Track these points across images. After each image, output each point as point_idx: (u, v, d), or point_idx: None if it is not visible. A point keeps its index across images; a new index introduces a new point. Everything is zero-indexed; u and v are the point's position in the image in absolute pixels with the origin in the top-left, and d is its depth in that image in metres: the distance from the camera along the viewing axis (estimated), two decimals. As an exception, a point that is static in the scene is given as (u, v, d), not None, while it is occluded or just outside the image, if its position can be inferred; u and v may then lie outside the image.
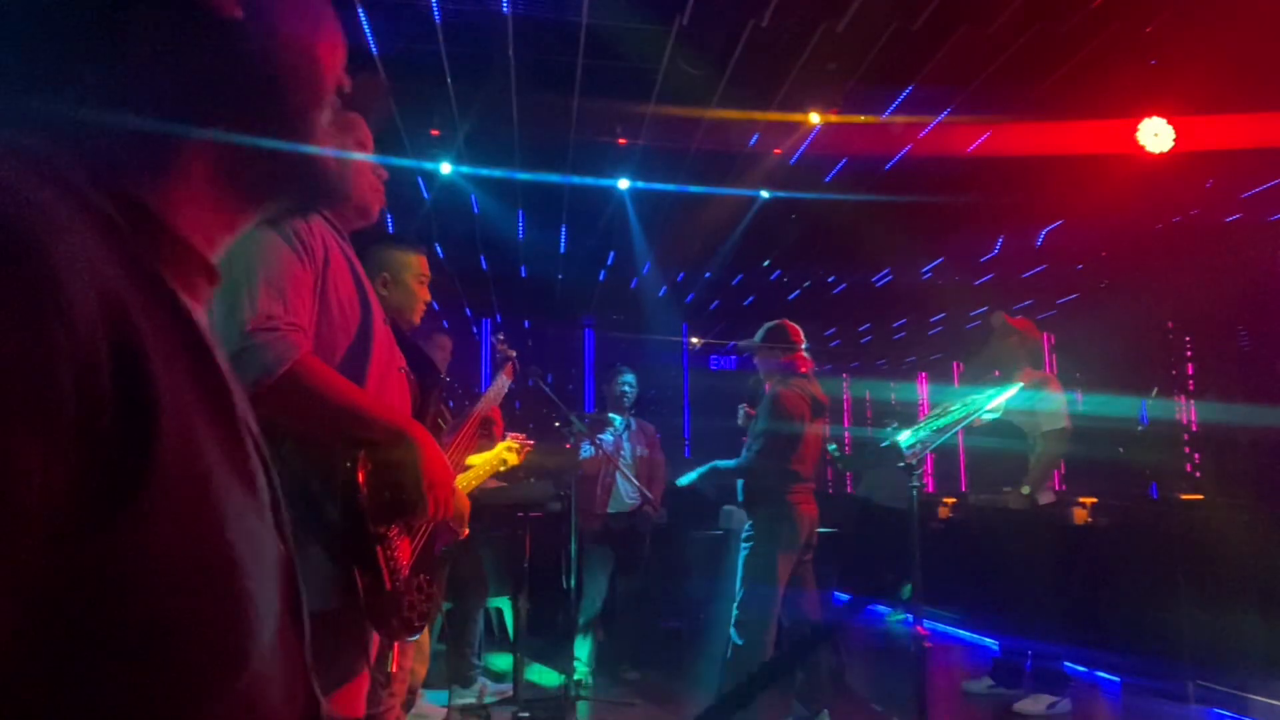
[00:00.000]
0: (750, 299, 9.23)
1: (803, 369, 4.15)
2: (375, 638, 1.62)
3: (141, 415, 0.42)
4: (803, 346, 4.17)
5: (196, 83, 0.55)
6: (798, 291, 8.87)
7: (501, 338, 3.16)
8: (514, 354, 3.00)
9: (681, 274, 8.35)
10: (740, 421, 4.35)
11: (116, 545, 0.40)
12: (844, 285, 8.71)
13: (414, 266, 2.50)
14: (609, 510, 5.07)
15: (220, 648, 0.45)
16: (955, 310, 8.70)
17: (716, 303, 9.42)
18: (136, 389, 0.42)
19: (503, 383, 2.74)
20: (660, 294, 8.83)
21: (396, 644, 1.70)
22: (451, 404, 4.01)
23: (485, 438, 2.35)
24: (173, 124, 0.54)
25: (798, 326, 4.20)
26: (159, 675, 0.42)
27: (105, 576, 0.40)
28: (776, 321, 4.19)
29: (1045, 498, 4.54)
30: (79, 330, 0.39)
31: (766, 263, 8.07)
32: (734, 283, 8.72)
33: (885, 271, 8.16)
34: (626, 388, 5.27)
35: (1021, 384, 4.30)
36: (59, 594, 0.39)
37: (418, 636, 1.61)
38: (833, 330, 10.52)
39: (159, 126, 0.54)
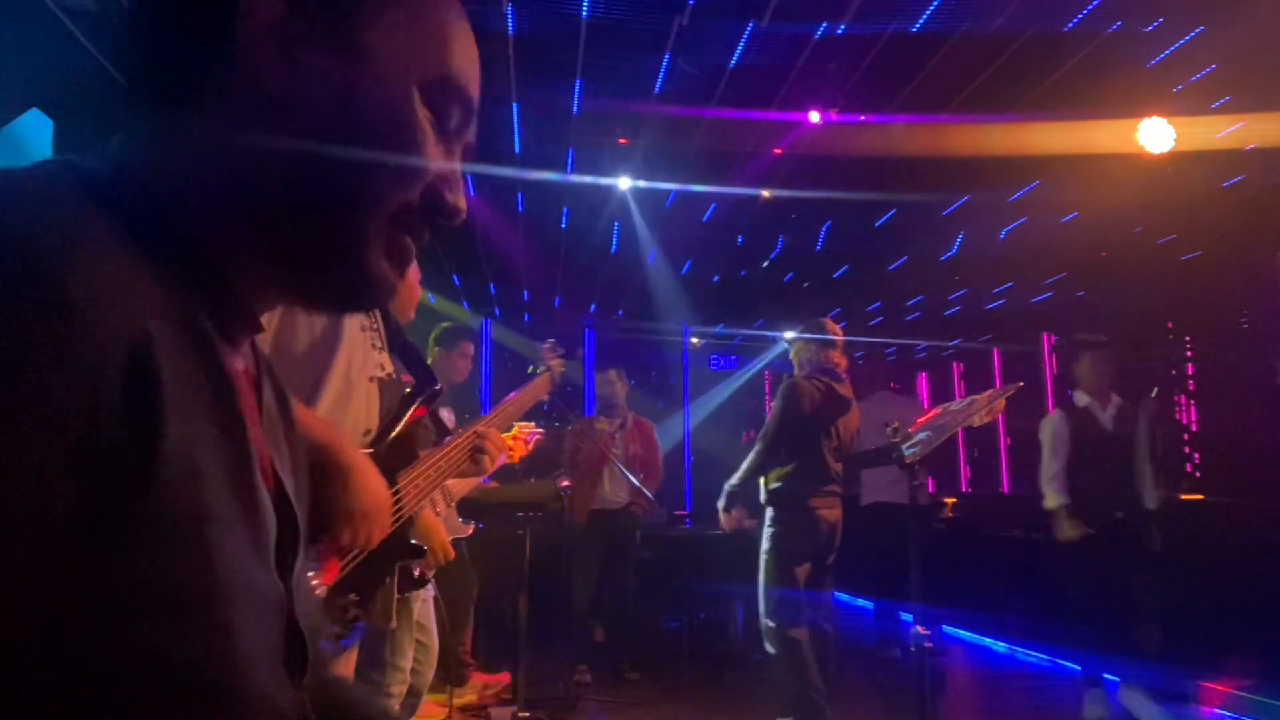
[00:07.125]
0: (789, 275, 8.83)
1: (837, 367, 4.00)
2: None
3: (145, 447, 0.42)
4: (839, 341, 4.04)
5: (286, 157, 0.54)
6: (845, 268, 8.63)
7: (552, 343, 2.68)
8: (557, 365, 2.57)
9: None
10: None
11: (106, 570, 0.41)
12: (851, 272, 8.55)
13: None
14: (595, 507, 5.10)
15: (202, 679, 0.45)
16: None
17: (744, 271, 8.89)
18: (144, 420, 0.42)
19: (529, 396, 2.36)
20: (684, 271, 8.56)
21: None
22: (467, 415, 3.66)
23: (473, 463, 2.00)
24: (256, 184, 0.54)
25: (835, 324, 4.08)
26: (135, 701, 0.43)
27: (92, 599, 0.41)
28: (814, 318, 4.10)
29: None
30: (91, 355, 0.41)
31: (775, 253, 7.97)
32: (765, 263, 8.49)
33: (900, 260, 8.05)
34: (617, 384, 5.28)
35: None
36: (47, 613, 0.40)
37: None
38: (877, 304, 9.93)
39: (244, 184, 0.54)
